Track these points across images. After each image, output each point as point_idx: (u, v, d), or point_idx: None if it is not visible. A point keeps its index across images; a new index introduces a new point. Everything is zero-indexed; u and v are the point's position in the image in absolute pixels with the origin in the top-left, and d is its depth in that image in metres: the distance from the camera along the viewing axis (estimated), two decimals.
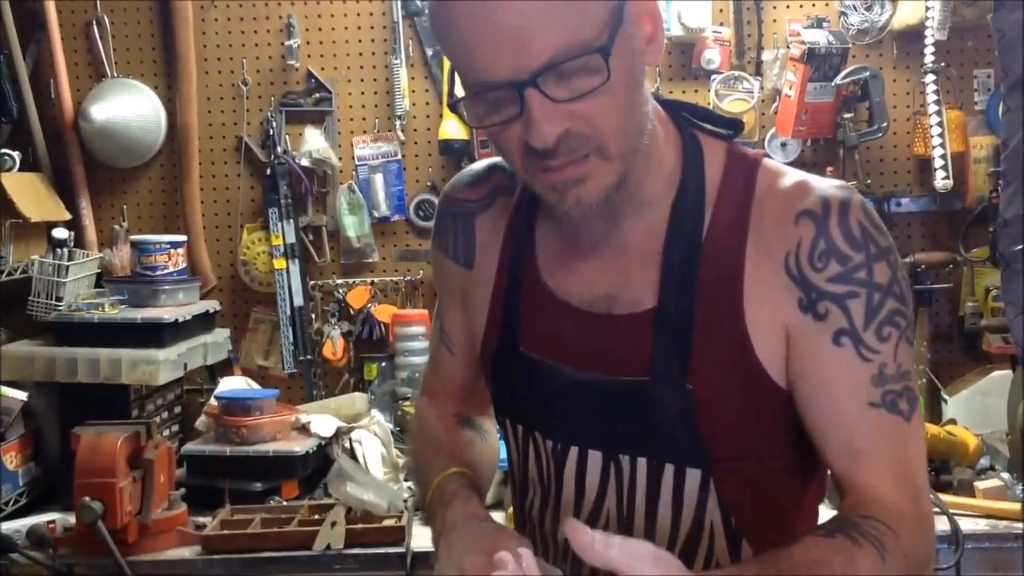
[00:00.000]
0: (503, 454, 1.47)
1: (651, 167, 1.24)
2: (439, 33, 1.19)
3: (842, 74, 2.93)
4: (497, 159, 1.44)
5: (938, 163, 2.88)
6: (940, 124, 2.89)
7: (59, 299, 2.74)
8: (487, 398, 1.55)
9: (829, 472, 1.29)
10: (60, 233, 2.82)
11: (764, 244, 1.21)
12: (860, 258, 1.18)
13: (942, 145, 2.89)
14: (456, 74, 1.20)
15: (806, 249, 1.19)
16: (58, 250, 2.79)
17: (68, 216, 2.99)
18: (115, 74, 3.11)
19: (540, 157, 1.14)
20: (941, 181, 2.88)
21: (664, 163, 1.26)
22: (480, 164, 1.47)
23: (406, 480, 2.58)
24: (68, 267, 2.78)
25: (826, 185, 1.22)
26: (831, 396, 1.20)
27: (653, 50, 1.19)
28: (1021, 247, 1.97)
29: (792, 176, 1.24)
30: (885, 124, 2.94)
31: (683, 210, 1.24)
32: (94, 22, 3.11)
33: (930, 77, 2.91)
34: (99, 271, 2.96)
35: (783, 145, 3.04)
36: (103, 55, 3.10)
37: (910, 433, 1.20)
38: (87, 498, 2.21)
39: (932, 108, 2.90)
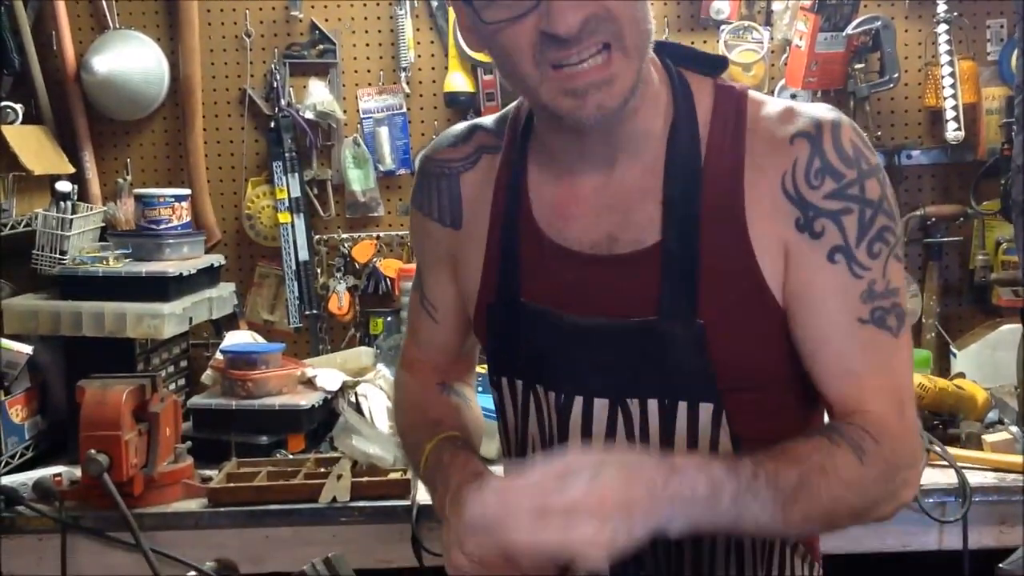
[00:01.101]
0: (492, 415, 1.45)
1: (647, 100, 1.23)
2: None
3: (853, 24, 2.88)
4: (478, 120, 1.44)
5: (950, 115, 2.85)
6: (952, 75, 2.86)
7: (63, 253, 2.73)
8: (470, 365, 1.57)
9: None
10: (63, 186, 2.81)
11: (760, 168, 1.22)
12: (853, 175, 1.21)
13: (954, 96, 2.85)
14: None
15: (802, 168, 1.21)
16: (62, 203, 2.77)
17: (71, 169, 2.97)
18: (117, 26, 3.07)
19: (557, 49, 1.12)
20: (953, 133, 2.85)
21: (658, 101, 1.26)
22: (460, 125, 1.46)
23: None
24: (72, 220, 2.76)
25: (815, 108, 1.25)
26: (824, 314, 1.22)
27: None
28: None
29: (779, 103, 1.27)
30: (896, 75, 2.90)
31: (679, 144, 1.25)
32: None
33: (942, 27, 2.87)
34: (103, 224, 2.95)
35: (793, 96, 3.00)
36: (105, 7, 3.06)
37: (898, 349, 1.23)
38: (93, 451, 2.21)
39: (944, 59, 2.86)
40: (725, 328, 1.22)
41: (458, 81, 3.00)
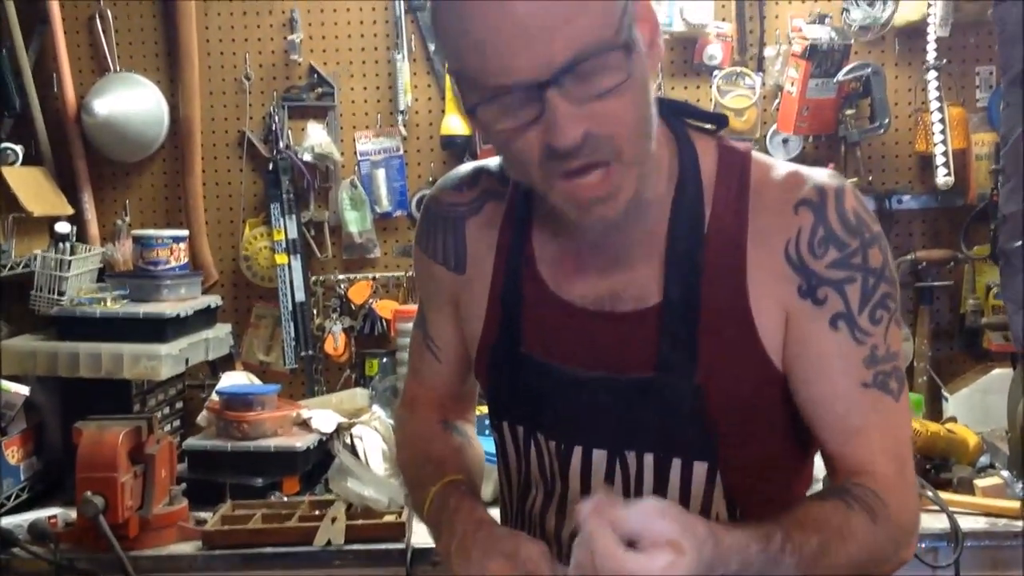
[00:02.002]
0: (496, 458, 1.46)
1: (652, 167, 1.24)
2: (445, 35, 1.15)
3: (844, 70, 2.92)
4: (483, 162, 1.44)
5: (940, 160, 2.88)
6: (942, 121, 2.89)
7: (61, 293, 2.74)
8: (470, 403, 1.59)
9: (819, 452, 1.33)
10: (62, 227, 2.82)
11: (764, 234, 1.24)
12: (856, 244, 1.23)
13: (944, 142, 2.88)
14: (458, 82, 1.18)
15: (806, 236, 1.22)
16: (60, 244, 2.79)
17: (70, 210, 2.99)
18: (118, 68, 3.11)
19: (561, 161, 1.13)
20: (943, 178, 2.88)
21: (661, 163, 1.27)
22: (467, 167, 1.46)
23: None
24: (70, 261, 2.78)
25: (819, 174, 1.26)
26: (827, 377, 1.24)
27: (653, 55, 1.19)
28: (1020, 243, 1.98)
29: (784, 167, 1.28)
30: (887, 121, 2.94)
31: (684, 206, 1.26)
32: (97, 16, 3.10)
33: (932, 74, 2.91)
34: (101, 266, 2.96)
35: (785, 141, 3.04)
36: (106, 49, 3.10)
37: (899, 411, 1.26)
38: (88, 493, 2.21)
39: (934, 105, 2.90)
40: (724, 389, 1.24)
41: (454, 124, 3.03)
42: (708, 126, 1.33)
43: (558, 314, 1.31)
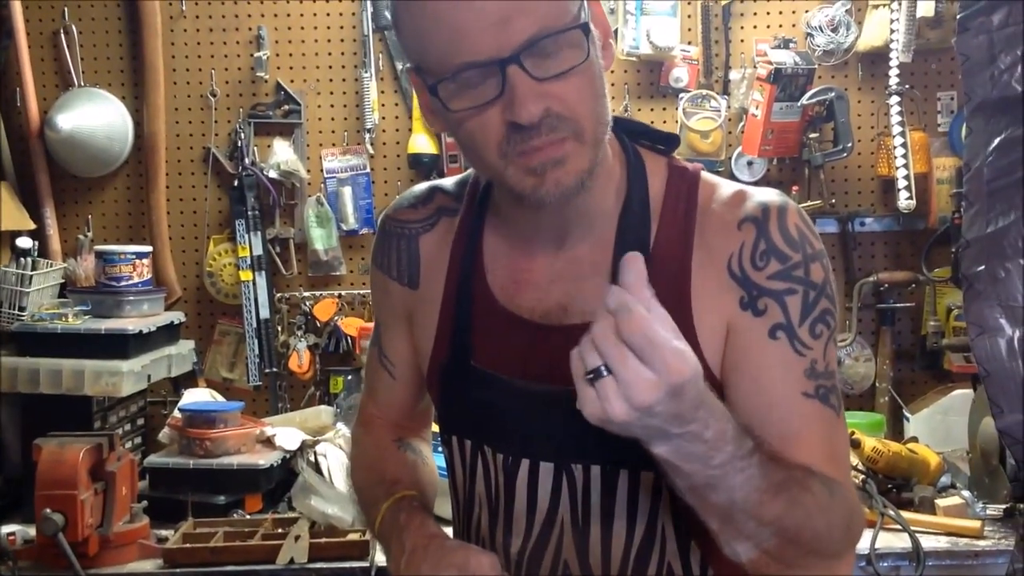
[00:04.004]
0: (444, 473, 1.47)
1: (601, 179, 1.26)
2: (406, 18, 1.18)
3: (808, 94, 2.96)
4: (438, 181, 1.47)
5: (901, 183, 2.92)
6: (904, 145, 2.93)
7: (22, 309, 2.73)
8: (425, 422, 1.60)
9: None
10: (24, 242, 2.80)
11: (708, 250, 1.26)
12: (798, 257, 1.24)
13: (906, 166, 2.92)
14: (419, 71, 1.20)
15: (748, 250, 1.24)
16: (22, 259, 2.77)
17: (32, 225, 2.97)
18: (82, 83, 3.09)
19: (522, 138, 1.15)
20: (904, 201, 2.91)
21: (612, 177, 1.29)
22: (421, 186, 1.48)
23: None
24: (31, 277, 2.76)
25: (764, 193, 1.29)
26: (767, 386, 1.24)
27: (607, 56, 1.22)
28: (983, 268, 2.00)
29: (730, 187, 1.30)
30: (850, 144, 2.97)
31: (630, 222, 1.28)
32: (61, 31, 3.09)
33: (894, 99, 2.95)
34: (63, 281, 2.94)
35: (749, 164, 3.07)
36: (70, 64, 3.09)
37: (839, 426, 1.27)
38: (48, 510, 2.19)
39: (896, 129, 2.94)
40: None
41: (421, 143, 3.03)
42: (660, 147, 1.36)
43: (507, 327, 1.32)
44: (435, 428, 1.64)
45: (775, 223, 1.25)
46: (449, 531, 1.37)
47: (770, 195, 1.29)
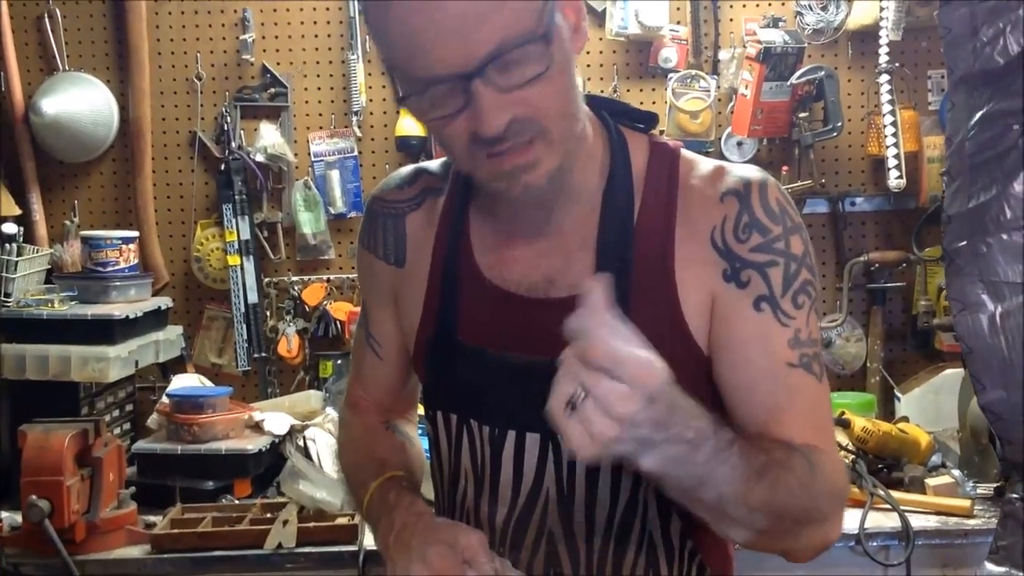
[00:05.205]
0: (429, 449, 1.48)
1: (583, 158, 1.29)
2: (377, 30, 1.20)
3: (797, 74, 2.94)
4: (424, 163, 1.50)
5: (892, 163, 2.91)
6: (894, 124, 2.92)
7: (7, 295, 2.71)
8: (412, 404, 1.62)
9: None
10: (9, 228, 2.79)
11: (691, 224, 1.29)
12: (779, 230, 1.27)
13: (896, 145, 2.91)
14: (391, 74, 1.22)
15: (731, 223, 1.27)
16: (7, 245, 2.76)
17: (18, 211, 2.95)
18: (67, 68, 3.07)
19: (487, 145, 1.17)
20: (895, 180, 2.90)
21: (594, 155, 1.32)
22: (407, 168, 1.51)
23: None
24: (17, 263, 2.75)
25: (744, 169, 1.32)
26: (752, 358, 1.27)
27: (578, 39, 1.23)
28: (965, 243, 1.99)
29: (710, 163, 1.34)
30: (840, 124, 2.96)
31: (614, 198, 1.31)
32: (46, 15, 3.06)
33: (884, 77, 2.94)
34: (49, 267, 2.93)
35: (739, 144, 3.05)
36: (55, 48, 3.06)
37: (822, 394, 1.30)
38: (34, 497, 2.18)
39: (886, 108, 2.92)
40: None
41: (409, 126, 3.01)
42: (639, 125, 1.37)
43: (493, 301, 1.34)
44: (420, 411, 1.65)
45: (757, 197, 1.28)
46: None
47: (750, 170, 1.32)
